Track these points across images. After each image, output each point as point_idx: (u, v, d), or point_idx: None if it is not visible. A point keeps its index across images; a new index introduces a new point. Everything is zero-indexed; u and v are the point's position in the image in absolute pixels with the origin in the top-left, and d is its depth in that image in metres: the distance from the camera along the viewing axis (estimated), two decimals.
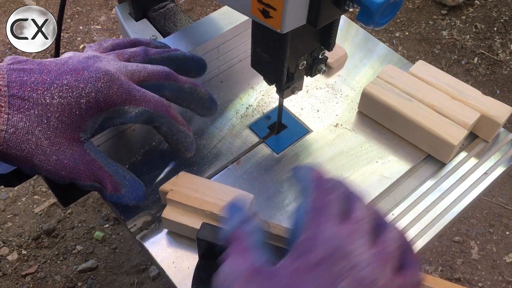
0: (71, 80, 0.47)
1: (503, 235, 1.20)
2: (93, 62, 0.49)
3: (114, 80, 0.48)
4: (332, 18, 0.47)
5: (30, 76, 0.46)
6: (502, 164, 0.61)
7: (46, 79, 0.46)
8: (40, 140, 0.45)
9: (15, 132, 0.44)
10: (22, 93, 0.45)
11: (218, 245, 0.45)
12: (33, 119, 0.45)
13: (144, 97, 0.50)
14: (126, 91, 0.49)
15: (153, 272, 1.09)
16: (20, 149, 0.45)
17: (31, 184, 1.22)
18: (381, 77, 0.64)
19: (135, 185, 0.52)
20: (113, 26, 1.57)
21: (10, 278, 1.08)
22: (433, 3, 1.66)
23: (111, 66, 0.50)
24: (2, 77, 0.45)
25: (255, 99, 0.67)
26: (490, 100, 0.62)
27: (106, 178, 0.50)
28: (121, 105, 0.49)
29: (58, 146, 0.47)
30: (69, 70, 0.47)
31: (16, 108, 0.44)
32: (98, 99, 0.47)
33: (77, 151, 0.48)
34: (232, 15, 0.68)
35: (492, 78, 1.48)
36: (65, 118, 0.46)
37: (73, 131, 0.47)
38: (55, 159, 0.47)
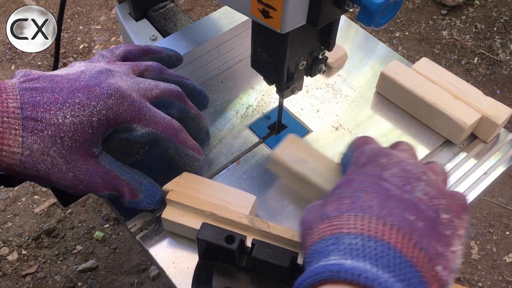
0: (83, 98, 0.47)
1: (503, 235, 1.20)
2: (106, 77, 0.49)
3: (125, 98, 0.48)
4: (332, 18, 0.47)
5: (43, 96, 0.46)
6: (502, 164, 0.61)
7: (59, 98, 0.46)
8: (56, 159, 0.46)
9: (30, 154, 0.45)
10: (35, 114, 0.45)
11: (218, 245, 0.45)
12: (47, 140, 0.45)
13: (154, 118, 0.50)
14: (136, 110, 0.49)
15: (153, 272, 1.09)
16: (36, 169, 0.45)
17: (31, 184, 1.22)
18: (386, 72, 0.64)
19: (152, 189, 0.52)
20: (113, 26, 1.57)
21: (10, 278, 1.08)
22: (433, 3, 1.66)
23: (123, 82, 0.50)
24: (15, 99, 0.45)
25: (255, 99, 0.67)
26: (490, 101, 0.62)
27: (123, 186, 0.50)
28: (130, 123, 0.49)
29: (74, 163, 0.47)
30: (81, 87, 0.47)
31: (30, 130, 0.44)
32: (108, 116, 0.47)
33: (92, 165, 0.48)
34: (232, 15, 0.68)
35: (492, 78, 1.48)
36: (78, 137, 0.46)
37: (87, 148, 0.47)
38: (71, 175, 0.47)
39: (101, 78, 0.48)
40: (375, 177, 0.40)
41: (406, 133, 0.64)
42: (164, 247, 0.53)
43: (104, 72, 0.49)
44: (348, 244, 0.35)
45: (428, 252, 0.36)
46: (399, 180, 0.39)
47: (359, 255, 0.34)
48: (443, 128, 0.62)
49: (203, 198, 0.53)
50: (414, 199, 0.38)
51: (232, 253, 0.45)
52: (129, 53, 0.56)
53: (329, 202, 0.40)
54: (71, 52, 1.49)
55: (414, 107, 0.64)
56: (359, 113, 0.66)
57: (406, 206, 0.38)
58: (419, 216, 0.37)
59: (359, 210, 0.37)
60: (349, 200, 0.39)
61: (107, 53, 0.54)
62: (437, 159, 0.62)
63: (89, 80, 0.48)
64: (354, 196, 0.39)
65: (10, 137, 0.44)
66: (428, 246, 0.36)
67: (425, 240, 0.36)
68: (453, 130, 0.61)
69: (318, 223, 0.39)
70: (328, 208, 0.39)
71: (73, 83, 0.47)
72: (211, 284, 0.46)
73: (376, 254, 0.34)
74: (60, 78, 0.48)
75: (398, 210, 0.37)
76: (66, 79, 0.48)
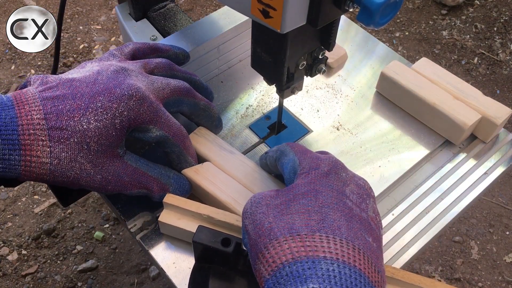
0: (105, 102, 0.47)
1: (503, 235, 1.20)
2: (123, 78, 0.49)
3: (145, 99, 0.49)
4: (332, 18, 0.47)
5: (65, 103, 0.46)
6: (502, 164, 0.61)
7: (81, 104, 0.46)
8: (83, 165, 0.46)
9: (59, 163, 0.45)
10: (60, 123, 0.45)
11: (214, 248, 0.45)
12: (74, 147, 0.46)
13: (168, 122, 0.51)
14: (154, 111, 0.50)
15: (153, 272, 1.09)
16: (66, 176, 0.46)
17: (31, 184, 1.22)
18: (386, 73, 0.64)
19: (181, 180, 0.53)
20: (113, 26, 1.57)
21: (10, 278, 1.08)
22: (433, 3, 1.66)
23: (140, 82, 0.50)
24: (39, 110, 0.45)
25: (255, 99, 0.67)
26: (490, 101, 0.62)
27: (151, 183, 0.51)
28: (147, 124, 0.50)
29: (101, 166, 0.48)
30: (101, 90, 0.47)
31: (56, 140, 0.45)
32: (130, 117, 0.48)
33: (119, 166, 0.49)
34: (232, 15, 0.68)
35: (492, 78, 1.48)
36: (103, 141, 0.47)
37: (112, 150, 0.48)
38: (99, 177, 0.48)
39: (119, 79, 0.49)
40: (339, 193, 0.41)
41: (406, 133, 0.64)
42: (164, 247, 0.53)
43: (120, 72, 0.50)
44: (326, 270, 0.36)
45: (382, 273, 0.39)
46: (356, 198, 0.42)
47: (336, 283, 0.35)
48: (443, 128, 0.62)
49: (216, 193, 0.52)
50: (368, 218, 0.41)
51: (228, 256, 0.45)
52: (137, 51, 0.57)
53: (294, 212, 0.40)
54: (71, 52, 1.49)
55: (414, 107, 0.64)
56: (359, 113, 0.66)
57: (365, 227, 0.40)
58: (373, 237, 0.40)
59: (330, 231, 0.38)
60: (317, 217, 0.39)
61: (117, 51, 0.55)
62: (437, 159, 0.62)
63: (107, 82, 0.48)
64: (322, 212, 0.40)
65: (38, 148, 0.44)
66: (380, 267, 0.39)
67: (379, 262, 0.39)
68: (453, 130, 0.61)
69: (287, 237, 0.38)
70: (296, 220, 0.39)
71: (93, 86, 0.48)
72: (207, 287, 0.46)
73: (351, 282, 0.35)
74: (78, 83, 0.48)
75: (360, 232, 0.39)
76: (84, 83, 0.48)
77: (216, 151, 0.56)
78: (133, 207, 0.56)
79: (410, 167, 0.60)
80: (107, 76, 0.49)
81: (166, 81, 0.53)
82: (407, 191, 0.59)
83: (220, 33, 0.67)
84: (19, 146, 0.43)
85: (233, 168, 0.55)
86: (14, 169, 0.44)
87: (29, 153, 0.44)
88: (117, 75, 0.49)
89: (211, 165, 0.55)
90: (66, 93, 0.47)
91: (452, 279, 1.13)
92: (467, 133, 0.62)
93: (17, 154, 0.44)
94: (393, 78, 0.64)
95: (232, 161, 0.56)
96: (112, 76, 0.49)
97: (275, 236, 0.38)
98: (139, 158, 0.51)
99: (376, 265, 0.38)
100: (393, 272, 0.46)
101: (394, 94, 0.65)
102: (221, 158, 0.56)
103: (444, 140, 0.63)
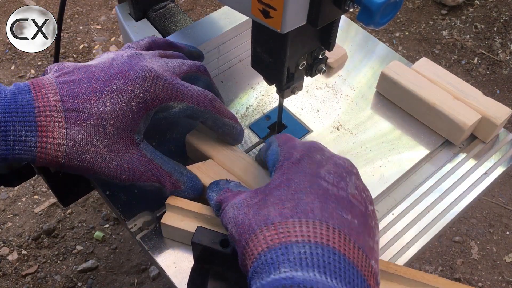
0: (120, 84, 0.47)
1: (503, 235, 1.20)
2: (137, 61, 0.50)
3: (159, 77, 0.49)
4: (332, 18, 0.47)
5: (81, 87, 0.46)
6: (502, 164, 0.62)
7: (96, 87, 0.47)
8: (99, 148, 0.46)
9: (75, 144, 0.45)
10: (76, 105, 0.46)
11: (213, 249, 0.45)
12: (90, 130, 0.46)
13: (188, 92, 0.51)
14: (171, 87, 0.49)
15: (153, 272, 1.09)
16: (81, 159, 0.46)
17: (31, 184, 1.22)
18: (386, 73, 0.64)
19: (194, 179, 0.53)
20: (113, 26, 1.57)
21: (10, 278, 1.08)
22: (433, 3, 1.66)
23: (153, 63, 0.51)
24: (55, 92, 0.45)
25: (255, 99, 0.67)
26: (489, 101, 0.62)
27: (164, 177, 0.51)
28: (167, 102, 0.49)
29: (117, 152, 0.48)
30: (116, 74, 0.48)
31: (72, 122, 0.45)
32: (146, 98, 0.48)
33: (134, 154, 0.49)
34: (232, 15, 0.68)
35: (492, 78, 1.48)
36: (119, 124, 0.47)
37: (128, 135, 0.48)
38: (115, 164, 0.48)
39: (132, 62, 0.49)
40: (313, 176, 0.41)
41: (406, 133, 0.64)
42: (165, 247, 0.53)
43: (134, 56, 0.50)
44: (298, 253, 0.36)
45: (364, 249, 0.38)
46: (334, 177, 0.41)
47: (308, 264, 0.35)
48: (443, 129, 0.62)
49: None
50: (348, 196, 0.40)
51: (227, 257, 0.45)
52: (153, 44, 0.57)
53: (270, 205, 0.40)
54: (71, 52, 1.49)
55: (414, 107, 0.64)
56: (359, 113, 0.66)
57: (343, 205, 0.39)
58: (354, 214, 0.39)
59: (303, 215, 0.38)
60: (290, 204, 0.39)
61: (133, 44, 0.56)
62: (437, 159, 0.62)
63: (122, 65, 0.49)
64: (295, 198, 0.40)
65: (54, 130, 0.45)
66: (363, 243, 0.38)
67: (361, 238, 0.38)
68: (453, 131, 0.61)
69: (262, 228, 0.38)
70: (271, 212, 0.39)
71: (107, 70, 0.48)
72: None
73: (324, 261, 0.35)
74: (94, 68, 0.48)
75: (336, 211, 0.39)
76: (100, 68, 0.48)
77: (218, 148, 0.56)
78: (133, 207, 0.55)
79: (410, 167, 0.60)
80: (122, 61, 0.49)
81: (181, 60, 0.54)
82: (407, 191, 0.59)
83: (220, 33, 0.67)
84: (35, 127, 0.44)
85: (235, 165, 0.55)
86: (30, 150, 0.44)
87: (45, 134, 0.44)
88: (131, 59, 0.50)
89: (213, 162, 0.55)
90: (82, 77, 0.47)
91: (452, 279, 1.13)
92: (467, 133, 0.62)
93: (33, 135, 0.44)
94: (393, 78, 0.64)
95: (233, 158, 0.56)
96: (126, 60, 0.50)
97: (253, 230, 0.39)
98: (154, 150, 0.51)
99: (356, 242, 0.38)
100: (395, 268, 0.46)
101: (394, 94, 0.66)
102: (223, 155, 0.56)
103: (444, 140, 0.63)
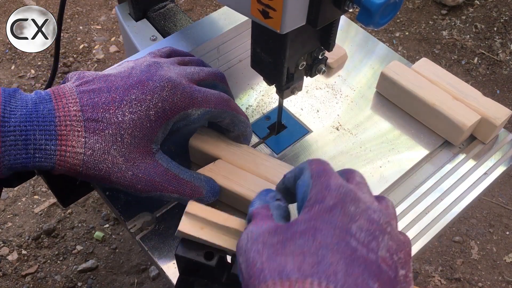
0: (138, 94, 0.48)
1: (503, 235, 1.20)
2: (155, 70, 0.50)
3: (177, 86, 0.49)
4: (332, 19, 0.47)
5: (100, 96, 0.47)
6: (502, 164, 0.61)
7: (116, 97, 0.47)
8: (116, 158, 0.47)
9: (92, 154, 0.46)
10: (96, 115, 0.46)
11: (198, 262, 0.44)
12: (108, 139, 0.46)
13: (205, 98, 0.51)
14: (189, 96, 0.50)
15: (153, 272, 1.09)
16: (98, 169, 0.47)
17: (31, 184, 1.22)
18: (386, 73, 0.64)
19: (211, 183, 0.53)
20: (113, 26, 1.57)
21: (10, 278, 1.08)
22: (433, 3, 1.66)
23: (171, 72, 0.51)
24: (75, 102, 0.46)
25: (255, 99, 0.67)
26: (489, 102, 0.62)
27: (184, 186, 0.50)
28: (185, 110, 0.50)
29: (133, 162, 0.48)
30: (134, 83, 0.48)
31: (91, 131, 0.46)
32: (164, 108, 0.48)
33: (150, 164, 0.49)
34: (232, 15, 0.68)
35: (492, 78, 1.48)
36: (137, 133, 0.47)
37: (145, 144, 0.48)
38: (130, 174, 0.48)
39: (151, 72, 0.50)
40: (343, 231, 0.36)
41: (405, 134, 0.64)
42: (164, 248, 0.53)
43: (152, 65, 0.51)
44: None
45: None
46: (365, 236, 0.37)
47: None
48: (442, 129, 0.62)
49: (235, 188, 0.52)
50: (378, 259, 0.36)
51: (212, 269, 0.44)
52: (173, 52, 0.58)
53: (288, 252, 0.36)
54: (71, 52, 1.49)
55: (414, 108, 0.64)
56: (359, 113, 0.66)
57: (371, 271, 0.35)
58: (381, 281, 0.35)
59: (324, 276, 0.34)
60: (312, 260, 0.35)
61: (155, 51, 0.56)
62: (437, 160, 0.62)
63: (141, 75, 0.49)
64: (319, 254, 0.35)
65: (73, 139, 0.45)
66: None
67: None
68: (452, 131, 0.61)
69: (276, 281, 0.34)
70: (288, 262, 0.35)
71: (127, 80, 0.49)
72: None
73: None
74: (113, 78, 0.49)
75: (363, 277, 0.35)
76: (119, 78, 0.49)
77: (225, 147, 0.56)
78: (133, 207, 0.56)
79: (410, 167, 0.60)
80: (141, 70, 0.50)
81: (200, 68, 0.54)
82: (407, 191, 0.59)
83: (220, 33, 0.67)
84: (55, 136, 0.45)
85: (244, 161, 0.55)
86: (49, 158, 0.45)
87: (64, 143, 0.45)
88: (149, 68, 0.50)
89: (223, 162, 0.55)
90: (101, 86, 0.48)
91: (452, 279, 1.13)
92: (466, 134, 0.62)
93: (53, 144, 0.45)
94: (393, 78, 0.64)
95: (241, 154, 0.56)
96: (145, 69, 0.50)
97: (264, 278, 0.35)
98: (171, 160, 0.51)
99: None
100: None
101: (394, 94, 0.65)
102: (231, 153, 0.56)
103: (444, 140, 0.63)
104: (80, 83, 0.48)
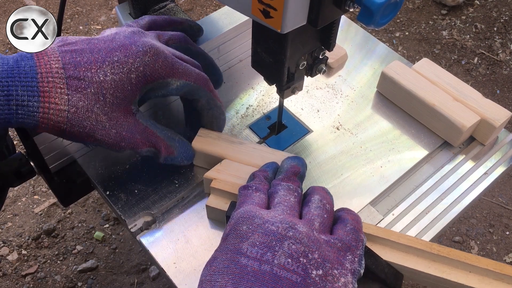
0: (121, 56, 0.49)
1: (503, 235, 1.20)
2: (139, 36, 0.51)
3: (160, 54, 0.50)
4: (333, 18, 0.47)
5: (83, 56, 0.48)
6: (502, 164, 0.62)
7: (98, 58, 0.48)
8: (99, 116, 0.48)
9: (76, 111, 0.46)
10: (78, 73, 0.47)
11: None
12: (91, 97, 0.47)
13: (186, 70, 0.52)
14: (170, 65, 0.51)
15: (153, 272, 1.09)
16: (82, 126, 0.47)
17: (31, 184, 1.22)
18: (387, 72, 0.64)
19: (185, 145, 0.55)
20: (113, 26, 1.57)
21: (10, 278, 1.08)
22: (433, 3, 1.66)
23: (155, 41, 0.52)
24: (57, 60, 0.47)
25: (255, 99, 0.67)
26: (489, 103, 0.62)
27: (159, 143, 0.53)
28: (165, 78, 0.51)
29: (116, 120, 0.49)
30: (117, 47, 0.49)
31: (74, 89, 0.46)
32: (145, 72, 0.49)
33: (132, 122, 0.50)
34: (232, 15, 0.68)
35: (492, 78, 1.48)
36: (118, 94, 0.48)
37: (126, 105, 0.50)
38: (114, 132, 0.49)
39: (135, 38, 0.51)
40: (233, 253, 0.39)
41: (405, 134, 0.64)
42: (165, 247, 0.53)
43: (137, 33, 0.52)
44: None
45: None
46: (258, 250, 0.38)
47: None
48: (442, 130, 0.62)
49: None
50: (274, 268, 0.37)
51: None
52: (153, 23, 0.58)
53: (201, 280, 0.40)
54: None
55: (414, 108, 0.64)
56: (359, 113, 0.66)
57: (263, 282, 0.36)
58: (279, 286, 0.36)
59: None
60: (208, 286, 0.38)
61: (133, 23, 0.57)
62: (437, 160, 0.62)
63: (124, 39, 0.50)
64: (212, 280, 0.38)
65: (56, 96, 0.46)
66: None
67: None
68: (452, 132, 0.61)
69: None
70: None
71: (110, 43, 0.50)
72: None
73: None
74: (96, 41, 0.50)
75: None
76: (102, 41, 0.50)
77: (228, 147, 0.56)
78: (133, 207, 0.56)
79: (410, 167, 0.60)
80: (124, 35, 0.51)
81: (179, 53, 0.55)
82: (407, 191, 0.59)
83: (220, 33, 0.67)
84: (38, 92, 0.45)
85: (250, 157, 0.55)
86: (32, 115, 0.45)
87: (47, 99, 0.45)
88: (133, 35, 0.51)
89: (228, 161, 0.55)
90: (84, 47, 0.48)
91: None
92: (465, 135, 0.62)
93: (36, 100, 0.45)
94: (394, 78, 0.64)
95: (246, 151, 0.56)
96: (128, 35, 0.51)
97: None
98: (148, 118, 0.53)
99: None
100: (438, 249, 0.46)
101: (394, 94, 0.66)
102: (235, 151, 0.56)
103: (444, 141, 0.63)
104: (63, 44, 0.49)
